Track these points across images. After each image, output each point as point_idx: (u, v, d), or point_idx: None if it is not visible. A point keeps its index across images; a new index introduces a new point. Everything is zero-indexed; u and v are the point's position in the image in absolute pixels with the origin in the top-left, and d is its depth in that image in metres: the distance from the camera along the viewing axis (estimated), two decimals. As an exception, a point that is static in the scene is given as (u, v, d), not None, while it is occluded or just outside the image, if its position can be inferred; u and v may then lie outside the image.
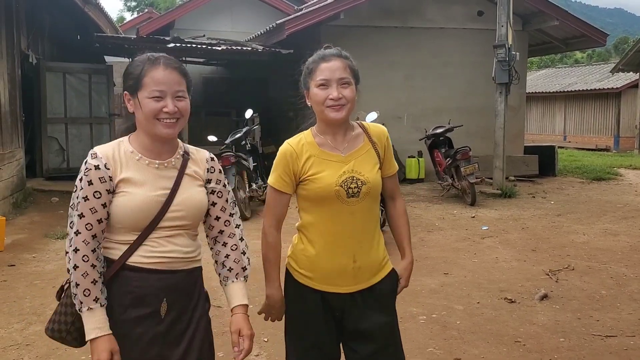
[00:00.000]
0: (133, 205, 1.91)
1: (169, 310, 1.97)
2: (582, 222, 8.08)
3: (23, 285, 5.27)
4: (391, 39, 11.57)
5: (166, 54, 2.00)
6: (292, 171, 2.21)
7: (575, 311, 4.62)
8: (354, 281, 2.22)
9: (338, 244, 2.20)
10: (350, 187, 2.16)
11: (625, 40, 51.66)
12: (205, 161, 2.10)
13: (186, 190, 1.99)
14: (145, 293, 1.94)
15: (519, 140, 12.71)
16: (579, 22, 12.18)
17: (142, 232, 1.94)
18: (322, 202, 2.19)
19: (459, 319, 4.47)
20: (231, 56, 12.64)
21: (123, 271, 1.93)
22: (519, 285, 5.29)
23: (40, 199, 9.23)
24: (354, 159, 2.22)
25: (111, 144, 1.98)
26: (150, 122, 1.93)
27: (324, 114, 2.18)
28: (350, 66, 2.20)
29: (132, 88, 1.94)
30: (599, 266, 5.90)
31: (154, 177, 1.95)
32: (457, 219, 8.35)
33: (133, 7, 41.29)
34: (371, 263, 2.25)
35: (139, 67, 1.94)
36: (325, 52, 2.22)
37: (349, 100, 2.17)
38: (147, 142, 1.98)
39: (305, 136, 2.26)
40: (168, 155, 2.01)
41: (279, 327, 4.32)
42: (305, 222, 2.25)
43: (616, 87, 23.28)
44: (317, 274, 2.22)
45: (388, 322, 2.27)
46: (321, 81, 2.16)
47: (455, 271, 5.75)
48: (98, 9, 10.58)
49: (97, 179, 1.89)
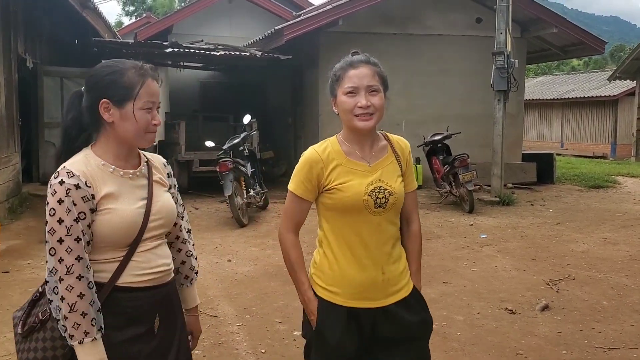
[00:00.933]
0: (119, 221, 1.82)
1: (160, 324, 1.94)
2: (581, 231, 8.05)
3: (17, 293, 5.20)
4: (390, 45, 11.55)
5: (147, 63, 1.95)
6: (316, 179, 2.14)
7: (577, 322, 4.58)
8: (385, 294, 2.13)
9: (366, 256, 2.12)
10: (378, 197, 2.11)
11: (621, 48, 51.89)
12: (163, 166, 2.07)
13: (159, 198, 1.95)
14: (139, 313, 1.88)
15: (517, 147, 12.70)
16: (578, 30, 12.19)
17: (130, 248, 1.86)
18: (349, 212, 2.12)
19: (459, 330, 4.42)
20: (229, 61, 12.60)
21: (114, 293, 1.83)
22: (519, 295, 5.24)
23: (37, 204, 9.15)
24: (380, 169, 2.16)
25: (78, 160, 1.84)
26: (140, 134, 1.87)
27: (351, 123, 2.12)
28: (379, 73, 2.14)
29: (120, 97, 1.83)
30: (599, 276, 5.86)
31: (130, 189, 1.89)
32: (455, 226, 8.31)
33: (131, 12, 41.24)
34: (398, 275, 2.18)
35: (129, 76, 1.85)
36: (353, 59, 2.15)
37: (378, 108, 2.12)
38: (116, 152, 1.88)
39: (332, 144, 2.19)
40: (136, 163, 1.95)
41: (276, 339, 4.28)
42: (329, 234, 2.17)
43: (613, 94, 23.33)
44: (346, 289, 2.12)
45: (423, 321, 2.22)
46: (349, 89, 2.10)
47: (455, 280, 5.71)
48: (96, 14, 10.55)
49: (80, 199, 1.76)
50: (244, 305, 4.98)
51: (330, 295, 2.13)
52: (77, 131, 1.89)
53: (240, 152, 9.06)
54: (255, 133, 10.13)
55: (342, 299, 2.12)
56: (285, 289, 5.33)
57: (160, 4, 38.70)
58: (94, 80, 1.88)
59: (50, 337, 1.80)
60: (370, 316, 2.12)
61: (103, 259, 1.84)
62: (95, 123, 1.88)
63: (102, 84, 1.85)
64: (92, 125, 1.89)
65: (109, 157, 1.88)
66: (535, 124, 27.72)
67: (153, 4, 39.40)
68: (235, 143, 8.99)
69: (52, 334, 1.80)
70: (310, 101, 12.09)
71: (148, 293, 1.89)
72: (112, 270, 1.84)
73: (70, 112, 1.91)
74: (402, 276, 2.18)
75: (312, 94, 11.94)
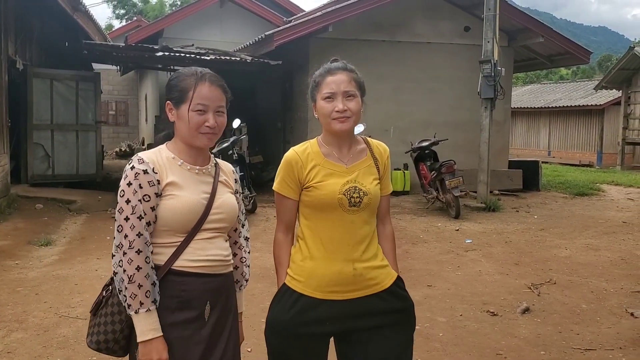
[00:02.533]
0: (181, 207, 1.99)
1: (211, 313, 2.05)
2: (564, 237, 8.18)
3: (5, 293, 5.23)
4: (379, 52, 11.68)
5: (211, 71, 2.12)
6: (297, 178, 2.25)
7: (556, 325, 4.68)
8: (355, 287, 2.20)
9: (337, 251, 2.21)
10: (352, 196, 2.20)
11: (608, 57, 52.45)
12: (232, 172, 2.26)
13: (222, 195, 2.11)
14: (191, 297, 2.00)
15: (504, 154, 12.85)
16: (564, 40, 12.38)
17: (188, 235, 2.02)
18: (324, 209, 2.22)
19: (441, 331, 4.51)
20: (220, 66, 12.61)
21: (169, 275, 1.99)
22: (501, 299, 5.34)
23: (25, 205, 9.17)
24: (357, 171, 2.27)
25: (152, 151, 2.07)
26: (193, 133, 2.04)
27: (329, 126, 2.23)
28: (355, 79, 2.25)
29: (177, 99, 2.04)
30: (580, 280, 5.98)
31: (195, 182, 2.06)
32: (441, 231, 8.42)
33: (122, 15, 41.18)
34: (372, 271, 2.24)
35: (186, 80, 2.04)
36: (331, 66, 2.27)
37: (354, 112, 2.22)
38: (186, 149, 2.08)
39: (311, 145, 2.31)
40: (204, 163, 2.13)
41: (262, 338, 4.32)
42: (305, 229, 2.27)
43: (599, 103, 23.63)
44: (315, 280, 2.20)
45: (400, 309, 2.27)
46: (327, 94, 2.22)
47: (439, 284, 5.80)
48: (87, 16, 10.59)
49: (147, 183, 1.96)
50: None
51: (293, 283, 2.22)
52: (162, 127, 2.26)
53: (229, 156, 9.12)
54: (245, 137, 10.19)
55: (312, 290, 2.19)
56: (272, 290, 5.30)
57: (150, 8, 38.69)
58: (167, 84, 2.13)
59: (111, 312, 2.01)
60: (339, 309, 2.19)
61: (163, 242, 2.01)
62: (171, 123, 2.11)
63: (168, 87, 2.10)
64: (170, 124, 2.12)
65: (179, 153, 2.08)
66: (522, 132, 28.01)
67: (144, 7, 39.37)
68: (224, 147, 9.05)
69: (112, 309, 2.01)
70: (300, 106, 12.18)
71: (200, 280, 2.02)
72: (170, 254, 2.00)
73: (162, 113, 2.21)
74: (377, 272, 2.25)
75: (301, 99, 12.03)
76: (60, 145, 11.35)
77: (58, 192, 10.14)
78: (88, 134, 11.78)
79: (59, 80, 11.36)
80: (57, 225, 8.25)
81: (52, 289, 5.37)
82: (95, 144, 11.89)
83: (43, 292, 5.28)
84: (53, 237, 7.47)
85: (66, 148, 11.40)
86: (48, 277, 5.77)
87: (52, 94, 11.22)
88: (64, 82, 11.43)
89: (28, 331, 4.34)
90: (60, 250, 6.91)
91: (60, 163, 11.29)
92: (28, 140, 10.97)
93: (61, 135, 11.38)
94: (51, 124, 11.24)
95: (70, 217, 8.86)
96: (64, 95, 11.37)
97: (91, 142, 11.80)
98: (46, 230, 7.84)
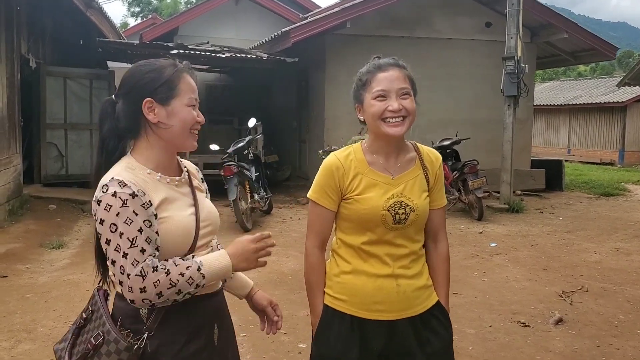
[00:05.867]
0: (177, 229, 1.70)
1: (219, 335, 1.83)
2: (592, 240, 7.86)
3: (14, 299, 5.06)
4: (398, 49, 11.31)
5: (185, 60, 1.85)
6: (338, 187, 2.01)
7: (593, 337, 4.40)
8: (398, 307, 1.98)
9: (380, 269, 1.99)
10: (397, 213, 1.96)
11: (629, 54, 51.61)
12: (197, 171, 1.98)
13: (203, 204, 1.85)
14: (201, 323, 1.76)
15: (526, 153, 12.51)
16: (589, 35, 12.01)
17: (185, 257, 1.73)
18: (365, 225, 1.99)
19: (471, 344, 4.25)
20: (235, 64, 12.46)
21: (174, 306, 1.69)
22: (531, 308, 5.07)
23: (37, 206, 9.02)
24: (404, 183, 2.02)
25: (122, 169, 1.69)
26: (186, 134, 1.75)
27: (380, 129, 1.97)
28: (409, 76, 2.02)
29: (164, 94, 1.71)
30: (614, 288, 5.68)
31: (178, 196, 1.77)
32: (464, 234, 8.13)
33: (137, 13, 41.26)
34: (416, 290, 2.02)
35: (167, 71, 1.73)
36: (380, 62, 2.02)
37: (410, 112, 1.97)
38: (161, 158, 1.76)
39: (355, 151, 2.06)
40: (178, 171, 1.85)
41: (281, 351, 4.11)
42: (342, 243, 2.05)
43: (622, 100, 23.10)
44: (356, 298, 1.99)
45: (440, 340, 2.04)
46: (379, 92, 1.96)
47: (465, 291, 5.53)
48: (101, 14, 10.43)
49: (140, 207, 1.61)
50: (247, 314, 4.74)
51: (336, 303, 2.02)
52: (116, 141, 1.74)
53: (245, 155, 8.92)
54: (260, 137, 9.98)
55: (348, 307, 2.00)
56: (290, 298, 5.18)
57: (165, 5, 38.68)
58: (133, 80, 1.74)
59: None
60: (381, 329, 1.98)
61: None
62: (135, 128, 1.74)
63: (143, 83, 1.71)
64: (130, 131, 1.74)
65: (152, 165, 1.74)
66: (542, 130, 27.51)
67: (159, 5, 39.40)
68: (240, 147, 8.85)
69: (109, 358, 1.64)
70: (316, 105, 11.94)
71: (207, 302, 1.78)
72: None
73: (105, 122, 1.75)
74: (420, 292, 2.03)
75: (318, 97, 11.79)
76: (74, 144, 11.20)
77: (71, 192, 9.99)
78: (102, 133, 11.61)
79: (73, 79, 11.21)
80: (70, 226, 8.09)
81: (63, 295, 5.18)
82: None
83: (53, 299, 5.09)
84: (65, 240, 7.31)
85: (80, 147, 11.25)
86: (59, 282, 5.59)
87: (66, 92, 11.07)
88: (77, 81, 11.28)
89: (36, 342, 4.15)
90: (72, 254, 6.73)
91: (74, 163, 11.14)
92: (41, 140, 10.83)
93: (75, 134, 11.22)
94: (65, 123, 11.10)
95: (83, 217, 8.70)
96: (77, 94, 11.22)
97: (105, 142, 11.64)
98: (58, 232, 7.69)
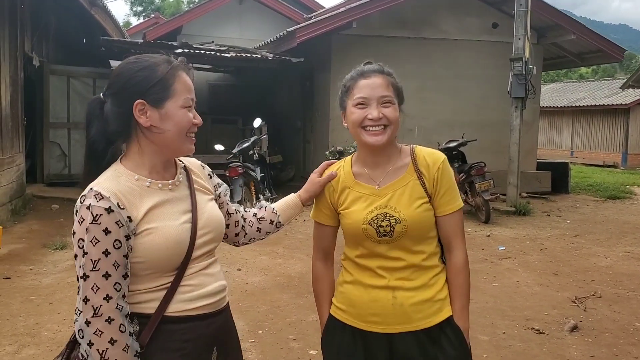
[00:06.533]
0: (165, 241, 1.54)
1: (218, 358, 1.67)
2: (602, 244, 7.76)
3: (18, 302, 4.96)
4: (404, 49, 11.29)
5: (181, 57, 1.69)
6: (329, 201, 1.99)
7: (610, 346, 4.30)
8: (395, 320, 1.88)
9: (376, 280, 1.91)
10: (380, 225, 1.86)
11: (631, 56, 51.42)
12: (202, 168, 1.82)
13: (204, 208, 1.67)
14: (196, 347, 1.58)
15: (532, 156, 12.41)
16: (596, 37, 11.89)
17: (178, 271, 1.58)
18: (354, 239, 1.94)
19: (485, 351, 4.16)
20: (240, 63, 12.37)
21: (164, 325, 1.55)
22: (545, 314, 4.97)
23: (40, 205, 8.93)
24: (390, 192, 1.91)
25: (106, 178, 1.55)
26: (183, 138, 1.61)
27: (361, 137, 1.89)
28: (393, 83, 1.91)
29: (157, 96, 1.56)
30: (627, 294, 5.58)
31: (172, 202, 1.60)
32: (472, 237, 8.03)
33: (139, 12, 41.17)
34: (419, 304, 1.89)
35: (160, 69, 1.58)
36: (364, 68, 1.93)
37: (391, 121, 1.87)
38: (153, 163, 1.61)
39: (345, 164, 2.01)
40: (173, 173, 1.68)
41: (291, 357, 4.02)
42: (345, 255, 2.02)
43: (625, 103, 22.99)
44: (353, 308, 1.94)
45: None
46: (359, 99, 1.87)
47: (476, 296, 5.42)
48: (105, 12, 10.33)
49: (114, 224, 1.47)
50: (255, 319, 4.72)
51: (338, 313, 1.99)
52: (105, 145, 1.59)
53: (250, 156, 8.85)
54: (265, 137, 9.90)
55: (347, 317, 1.95)
56: (297, 302, 5.09)
57: (167, 5, 38.59)
58: (123, 79, 1.58)
59: None
60: (380, 341, 1.89)
61: (149, 287, 1.56)
62: (125, 131, 1.59)
63: (134, 83, 1.56)
64: (120, 134, 1.59)
65: (143, 170, 1.60)
66: (545, 132, 27.36)
67: (161, 4, 39.31)
68: (245, 147, 8.78)
69: None
70: (321, 105, 11.84)
71: (203, 322, 1.61)
72: (160, 299, 1.56)
73: (93, 123, 1.60)
74: (424, 306, 1.90)
75: (322, 98, 11.69)
76: (77, 144, 11.11)
77: (74, 192, 9.82)
78: (105, 133, 11.52)
79: (76, 78, 11.13)
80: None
81: (67, 297, 5.09)
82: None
83: (57, 301, 5.00)
84: (69, 240, 7.21)
85: (83, 147, 10.77)
86: (63, 284, 5.49)
87: (69, 91, 10.99)
88: (80, 80, 11.20)
89: (40, 346, 4.05)
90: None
91: (77, 162, 11.05)
92: (44, 139, 10.75)
93: (78, 133, 11.12)
94: (68, 122, 11.01)
95: (86, 218, 8.60)
96: (80, 93, 11.13)
97: (108, 141, 11.55)
98: (62, 232, 7.59)
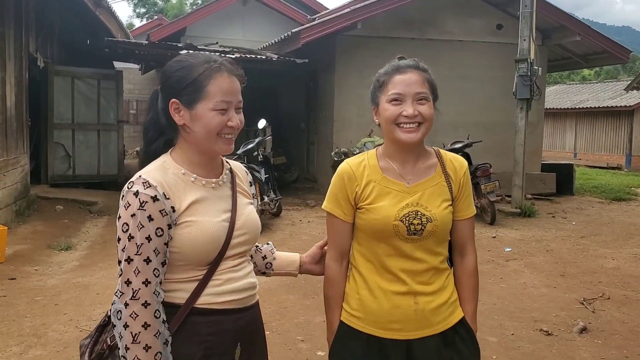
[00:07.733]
0: (202, 236, 1.58)
1: (242, 355, 1.68)
2: (608, 246, 7.73)
3: (23, 302, 4.94)
4: (408, 50, 10.94)
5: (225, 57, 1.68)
6: (350, 195, 1.90)
7: (620, 348, 4.27)
8: (416, 326, 1.85)
9: (397, 284, 1.86)
10: (412, 223, 1.83)
11: (635, 58, 51.20)
12: (245, 173, 1.85)
13: (244, 211, 1.72)
14: (220, 341, 1.61)
15: (537, 157, 12.36)
16: (602, 38, 11.84)
17: (210, 266, 1.62)
18: (378, 236, 1.86)
19: (494, 352, 4.13)
20: (245, 64, 12.19)
21: (191, 316, 1.59)
22: (553, 315, 4.94)
23: (45, 206, 8.91)
24: (420, 191, 1.88)
25: (155, 168, 1.61)
26: (213, 138, 1.62)
27: (394, 134, 1.86)
28: (428, 80, 1.88)
29: (190, 97, 1.59)
30: (635, 296, 5.55)
31: (214, 200, 1.65)
32: (478, 238, 7.97)
33: (142, 14, 41.18)
34: (437, 308, 1.88)
35: (197, 70, 1.60)
36: (400, 63, 1.89)
37: (426, 118, 1.84)
38: (198, 159, 1.66)
39: (369, 157, 1.95)
40: (218, 173, 1.72)
41: (299, 359, 3.99)
42: (359, 256, 1.93)
43: (629, 105, 22.93)
44: (371, 315, 1.87)
45: None
46: (394, 95, 1.84)
47: (483, 298, 5.39)
48: (109, 13, 10.33)
49: (158, 213, 1.53)
50: (263, 320, 4.69)
51: (351, 320, 1.91)
52: (155, 133, 1.68)
53: (255, 157, 8.81)
54: (270, 138, 9.87)
55: (363, 325, 1.88)
56: (304, 303, 5.06)
57: (171, 7, 38.62)
58: (165, 77, 1.65)
59: None
60: (398, 348, 1.86)
61: (181, 278, 1.60)
62: (172, 126, 1.65)
63: (171, 82, 1.62)
64: (169, 128, 1.66)
65: (188, 165, 1.65)
66: (548, 133, 27.29)
67: (164, 6, 39.34)
68: (250, 148, 8.75)
69: None
70: (325, 106, 11.82)
71: (230, 317, 1.64)
72: (191, 290, 1.60)
73: (149, 111, 1.70)
74: (442, 309, 1.90)
75: (327, 99, 11.68)
76: (81, 144, 11.11)
77: (79, 193, 9.89)
78: (110, 134, 11.51)
79: (80, 79, 11.12)
80: (78, 227, 7.98)
81: (73, 298, 5.07)
82: (117, 143, 11.64)
83: (63, 302, 4.98)
84: (73, 241, 7.20)
85: (87, 148, 11.16)
86: (68, 285, 5.48)
87: (73, 92, 10.98)
88: (85, 81, 11.19)
89: (47, 347, 4.03)
90: (81, 255, 6.63)
91: (81, 163, 11.05)
92: (48, 140, 10.74)
93: (82, 134, 11.13)
94: (72, 123, 11.01)
95: (91, 219, 8.60)
96: (85, 94, 11.13)
97: (113, 142, 11.55)
98: (66, 233, 7.58)
